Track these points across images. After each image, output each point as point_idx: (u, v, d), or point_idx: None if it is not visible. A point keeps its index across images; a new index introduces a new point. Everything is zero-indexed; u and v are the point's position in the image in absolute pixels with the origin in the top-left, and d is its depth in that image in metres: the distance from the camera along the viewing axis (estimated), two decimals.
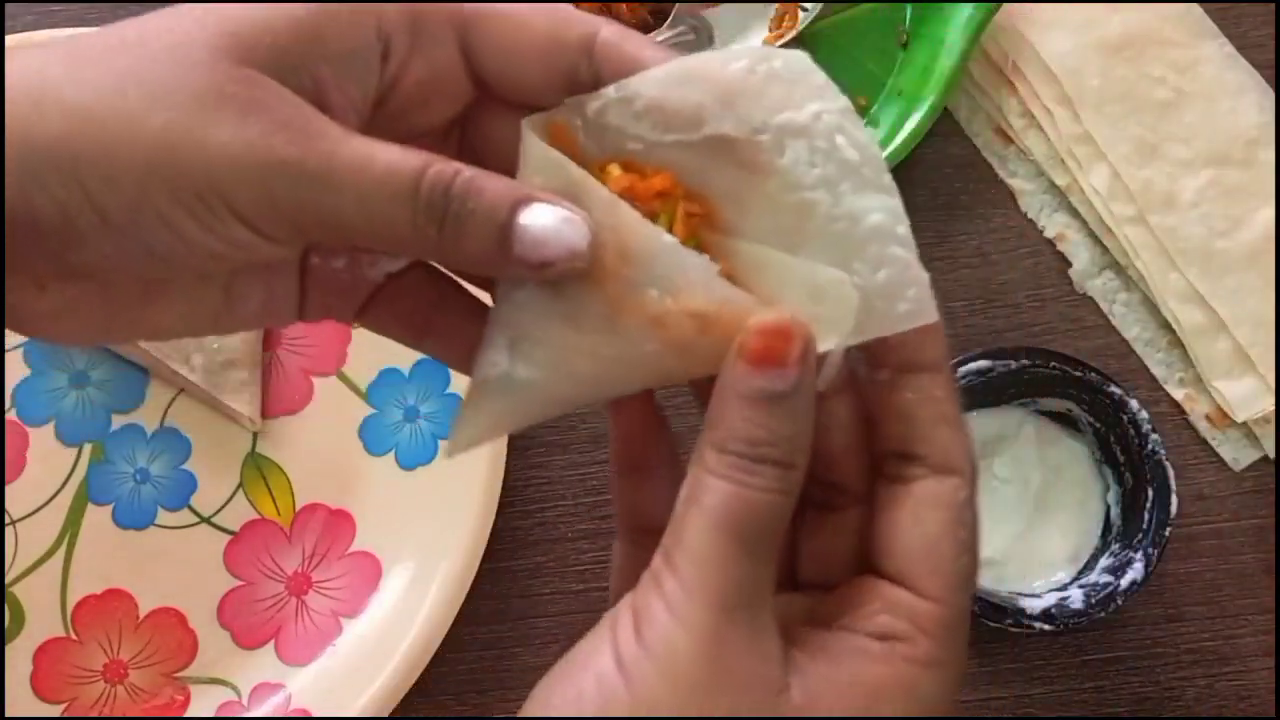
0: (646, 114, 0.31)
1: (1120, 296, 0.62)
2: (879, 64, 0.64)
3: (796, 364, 0.29)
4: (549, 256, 0.29)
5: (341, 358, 0.59)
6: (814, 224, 0.30)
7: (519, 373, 0.31)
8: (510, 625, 0.58)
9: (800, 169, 0.30)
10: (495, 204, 0.29)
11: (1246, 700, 0.58)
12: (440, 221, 0.29)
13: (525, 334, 0.31)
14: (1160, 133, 0.62)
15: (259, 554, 0.57)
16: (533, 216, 0.29)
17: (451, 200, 0.29)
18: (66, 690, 0.55)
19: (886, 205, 0.30)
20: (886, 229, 0.30)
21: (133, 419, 0.58)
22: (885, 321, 0.31)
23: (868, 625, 0.30)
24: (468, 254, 0.30)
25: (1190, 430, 0.61)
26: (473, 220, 0.29)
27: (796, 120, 0.30)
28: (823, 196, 0.30)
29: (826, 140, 0.30)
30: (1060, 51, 0.63)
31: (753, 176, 0.31)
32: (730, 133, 0.30)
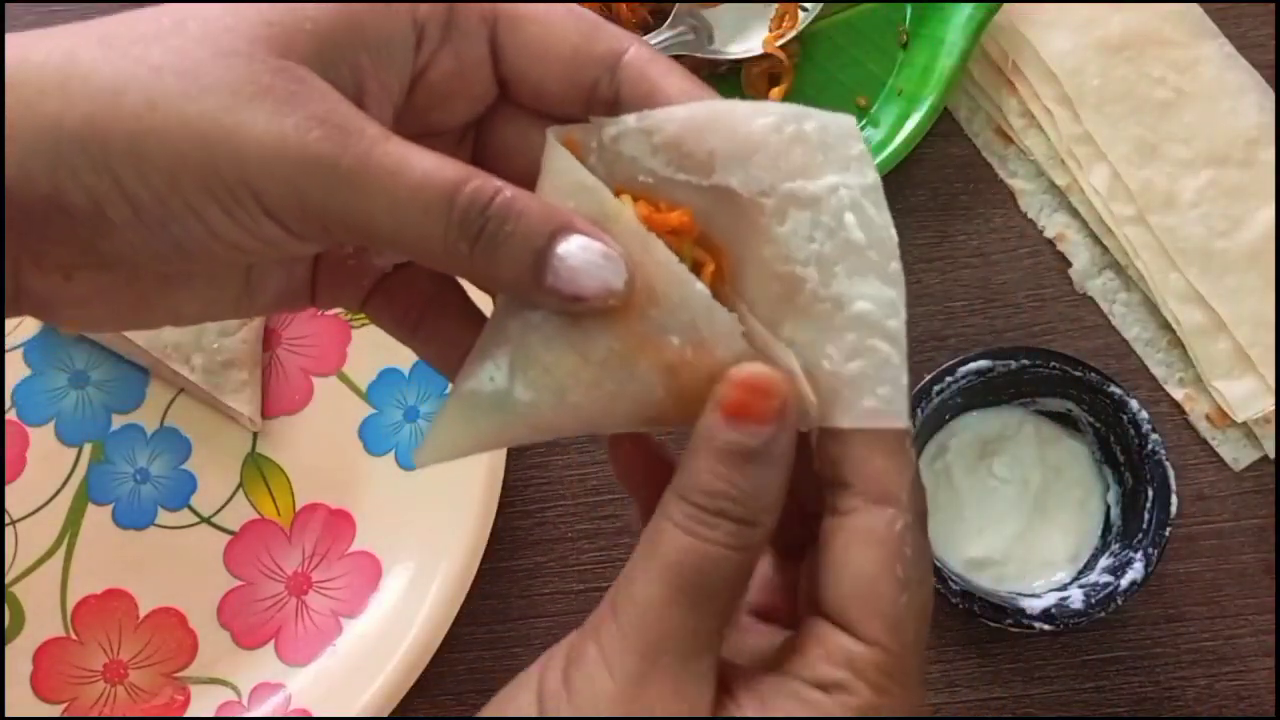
0: (663, 149, 0.30)
1: (1120, 296, 0.62)
2: (879, 64, 0.64)
3: (772, 421, 0.29)
4: (583, 292, 0.28)
5: (341, 358, 0.59)
6: (800, 300, 0.30)
7: (518, 393, 0.30)
8: (510, 625, 0.58)
9: (796, 241, 0.29)
10: (534, 230, 0.28)
11: (1246, 700, 0.58)
12: (474, 240, 0.28)
13: (531, 356, 0.30)
14: (1160, 133, 0.62)
15: (259, 554, 0.57)
16: (571, 248, 0.28)
17: (489, 220, 0.28)
18: (66, 690, 0.55)
19: (881, 295, 0.29)
20: (873, 320, 0.29)
21: (133, 419, 0.58)
22: (848, 413, 0.30)
23: (807, 672, 0.29)
24: (498, 277, 0.29)
25: (1190, 430, 0.61)
26: (509, 244, 0.28)
27: (807, 190, 0.29)
28: (812, 274, 0.29)
29: (834, 217, 0.29)
30: (1060, 51, 0.63)
31: (751, 236, 0.30)
32: (735, 188, 0.29)
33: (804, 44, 0.64)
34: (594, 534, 0.59)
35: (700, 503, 0.29)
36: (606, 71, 0.31)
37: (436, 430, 0.31)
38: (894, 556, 0.29)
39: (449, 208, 0.28)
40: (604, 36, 0.31)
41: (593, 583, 0.58)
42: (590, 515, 0.59)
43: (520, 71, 0.31)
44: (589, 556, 0.58)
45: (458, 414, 0.31)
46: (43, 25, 0.67)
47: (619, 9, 0.62)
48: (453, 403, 0.31)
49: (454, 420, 0.31)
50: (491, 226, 0.28)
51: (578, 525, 0.59)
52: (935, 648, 0.58)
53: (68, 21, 0.68)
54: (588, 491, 0.59)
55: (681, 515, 0.29)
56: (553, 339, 0.29)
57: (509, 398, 0.30)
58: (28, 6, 0.63)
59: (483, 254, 0.28)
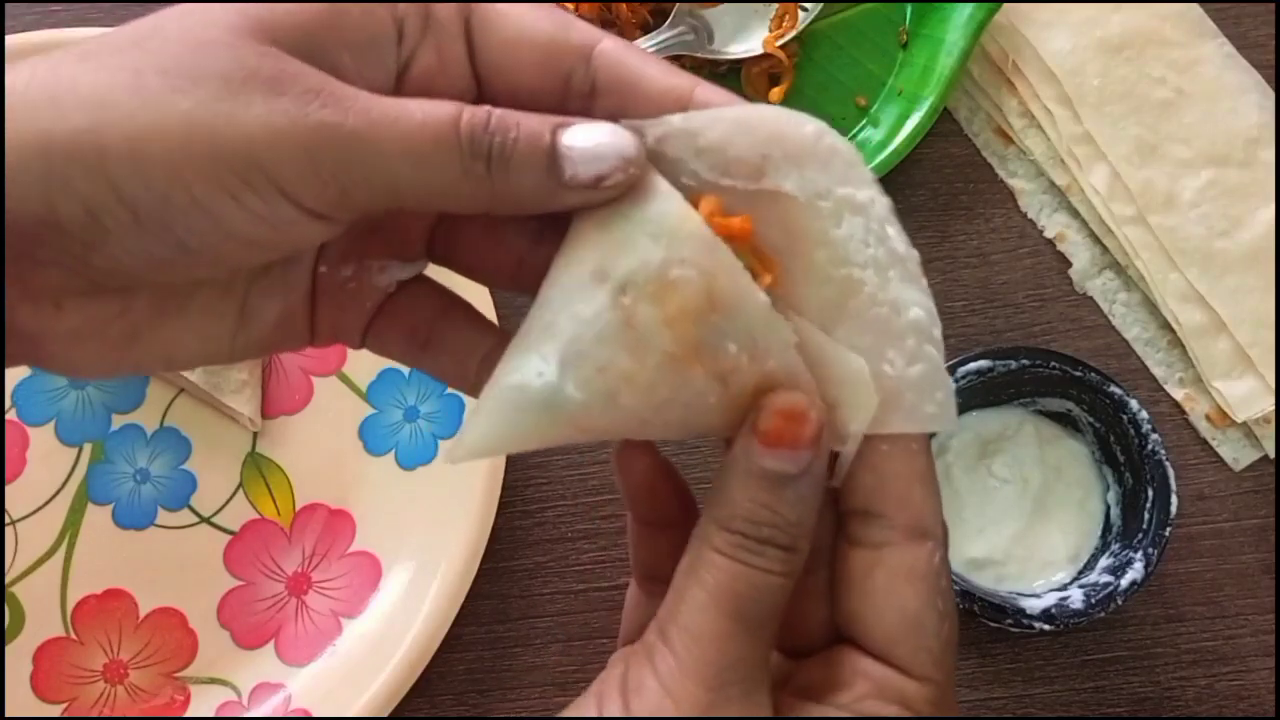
0: (707, 151, 0.30)
1: (1120, 296, 0.62)
2: (879, 64, 0.64)
3: (808, 447, 0.29)
4: (602, 170, 0.29)
5: (341, 358, 0.59)
6: (857, 303, 0.30)
7: (569, 391, 0.29)
8: (510, 625, 0.58)
9: (854, 245, 0.30)
10: (536, 130, 0.29)
11: (1246, 700, 0.58)
12: (487, 159, 0.28)
13: (584, 353, 0.29)
14: (1160, 133, 0.62)
15: (259, 554, 0.57)
16: (575, 136, 0.29)
17: (493, 135, 0.28)
18: (66, 690, 0.55)
19: (927, 305, 0.30)
20: (924, 327, 0.30)
21: (133, 419, 0.58)
22: (911, 419, 0.30)
23: (860, 706, 0.29)
24: (520, 188, 0.29)
25: (1190, 430, 0.61)
26: (518, 152, 0.28)
27: (856, 197, 0.30)
28: (871, 277, 0.30)
29: (880, 225, 0.30)
30: (1060, 51, 0.63)
31: (802, 242, 0.30)
32: (792, 191, 0.30)
33: (804, 44, 0.64)
34: (594, 534, 0.59)
35: (745, 530, 0.29)
36: (581, 62, 0.31)
37: (477, 424, 0.30)
38: (934, 591, 0.30)
39: (457, 138, 0.28)
40: (577, 29, 0.31)
41: (593, 583, 0.58)
42: (590, 515, 0.59)
43: (496, 65, 0.31)
44: (589, 556, 0.58)
45: (500, 409, 0.30)
46: (42, 25, 0.67)
47: (619, 9, 0.62)
48: (494, 396, 0.30)
49: (497, 415, 0.30)
50: (498, 140, 0.28)
51: (578, 525, 0.59)
52: None
53: (68, 21, 0.68)
54: (588, 491, 0.59)
55: (727, 544, 0.29)
56: (606, 338, 0.29)
57: (559, 395, 0.29)
58: (28, 6, 0.63)
59: (499, 170, 0.28)
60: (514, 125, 0.28)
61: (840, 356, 0.30)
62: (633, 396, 0.29)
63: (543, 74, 0.31)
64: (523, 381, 0.29)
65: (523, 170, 0.28)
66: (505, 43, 0.31)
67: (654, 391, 0.29)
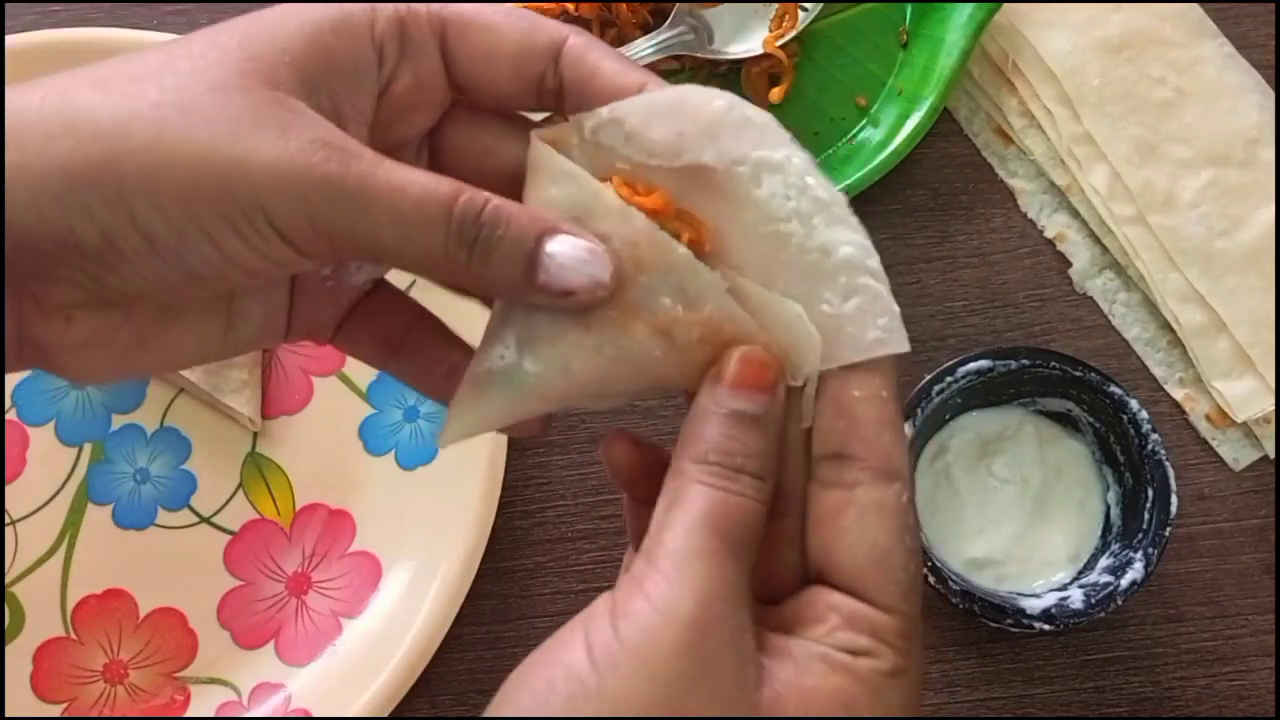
0: (633, 136, 0.32)
1: (1120, 296, 0.62)
2: (879, 64, 0.64)
3: (770, 389, 0.32)
4: (572, 285, 0.31)
5: (341, 358, 0.59)
6: (787, 254, 0.32)
7: (526, 366, 0.32)
8: (510, 625, 0.58)
9: (776, 201, 0.32)
10: (523, 233, 0.30)
11: (1246, 700, 0.58)
12: (470, 247, 0.30)
13: (537, 332, 0.32)
14: (1160, 133, 0.62)
15: (259, 554, 0.57)
16: (558, 246, 0.30)
17: (483, 227, 0.30)
18: (66, 690, 0.55)
19: (856, 240, 0.32)
20: (857, 261, 0.32)
21: (133, 419, 0.58)
22: (856, 347, 0.32)
23: (831, 639, 0.31)
24: (494, 279, 0.31)
25: (1190, 430, 0.61)
26: (501, 247, 0.30)
27: (772, 158, 0.32)
28: (796, 228, 0.32)
29: (798, 178, 0.32)
30: (1060, 51, 0.63)
31: (729, 207, 0.32)
32: (710, 162, 0.32)
33: (804, 44, 0.64)
34: (594, 534, 0.59)
35: (721, 461, 0.31)
36: (549, 63, 0.33)
37: (454, 412, 0.33)
38: (903, 528, 0.31)
39: (447, 219, 0.30)
40: (543, 30, 0.33)
41: (593, 583, 0.58)
42: (590, 515, 0.59)
43: (472, 75, 0.33)
44: (589, 556, 0.58)
45: (472, 394, 0.33)
46: (42, 26, 0.67)
47: (619, 9, 0.62)
48: (467, 385, 0.33)
49: (469, 400, 0.33)
50: (485, 233, 0.30)
51: (578, 525, 0.59)
52: (935, 648, 0.58)
53: (67, 21, 0.68)
54: (588, 491, 0.59)
55: (706, 475, 0.31)
56: (555, 315, 0.32)
57: (518, 370, 0.32)
58: (28, 6, 0.63)
59: (479, 259, 0.30)
60: (504, 221, 0.30)
61: (777, 304, 0.32)
62: (584, 361, 0.32)
63: (516, 78, 0.33)
64: (488, 367, 0.32)
65: (501, 265, 0.30)
66: (479, 52, 0.33)
67: (601, 353, 0.32)
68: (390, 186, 0.29)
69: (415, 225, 0.30)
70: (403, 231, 0.30)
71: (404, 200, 0.29)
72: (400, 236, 0.30)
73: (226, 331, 0.34)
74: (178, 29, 0.61)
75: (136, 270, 0.29)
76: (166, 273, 0.29)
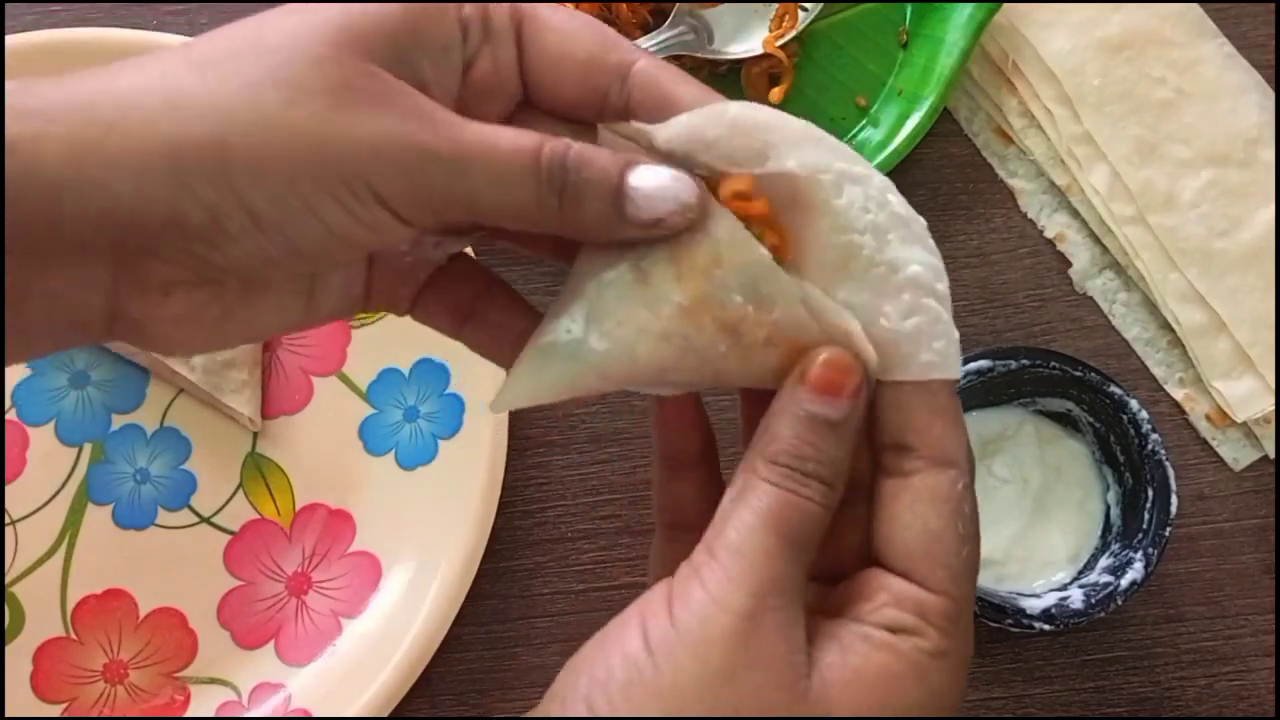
0: (715, 145, 0.32)
1: (1120, 296, 0.62)
2: (879, 64, 0.64)
3: (851, 397, 0.32)
4: (659, 212, 0.31)
5: (341, 358, 0.59)
6: (855, 265, 0.33)
7: (593, 343, 0.32)
8: (510, 625, 0.58)
9: (854, 212, 0.32)
10: (606, 170, 0.31)
11: (1246, 700, 0.58)
12: (561, 192, 0.31)
13: (606, 309, 0.32)
14: (1160, 133, 0.62)
15: (259, 554, 0.57)
16: (641, 178, 0.31)
17: (569, 172, 0.31)
18: (66, 690, 0.55)
19: (928, 261, 0.33)
20: (924, 281, 0.33)
21: (133, 419, 0.58)
22: (907, 368, 0.33)
23: (876, 617, 0.32)
24: (586, 220, 0.31)
25: (1190, 430, 0.61)
26: (589, 188, 0.31)
27: (855, 170, 0.33)
28: (869, 241, 0.32)
29: (880, 194, 0.33)
30: (1060, 51, 0.63)
31: (805, 214, 0.33)
32: (794, 168, 0.32)
33: (804, 44, 0.64)
34: (594, 534, 0.59)
35: (791, 464, 0.32)
36: (618, 80, 0.34)
37: (512, 378, 0.33)
38: (955, 514, 0.32)
39: (537, 169, 0.31)
40: (617, 47, 0.34)
41: (593, 583, 0.58)
42: (590, 515, 0.59)
43: (540, 74, 0.34)
44: (589, 556, 0.58)
45: (534, 363, 0.33)
46: (42, 26, 0.67)
47: (619, 9, 0.62)
48: (529, 353, 0.33)
49: (530, 368, 0.33)
50: (572, 177, 0.31)
51: (578, 525, 0.59)
52: None
53: (67, 21, 0.68)
54: (588, 491, 0.59)
55: (775, 475, 0.32)
56: (626, 294, 0.32)
57: (583, 346, 0.32)
58: (28, 6, 0.63)
59: (571, 202, 0.31)
60: (588, 162, 0.31)
61: (836, 314, 0.33)
62: (649, 346, 0.32)
63: (581, 89, 0.34)
64: (553, 339, 0.33)
65: (591, 204, 0.31)
66: (550, 54, 0.34)
67: (668, 341, 0.32)
68: (481, 146, 0.30)
69: (509, 179, 0.30)
70: (499, 187, 0.30)
71: (496, 156, 0.30)
72: (497, 192, 0.30)
73: (308, 304, 0.35)
74: (178, 29, 0.61)
75: (241, 247, 0.30)
76: (271, 249, 0.30)
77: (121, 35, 0.58)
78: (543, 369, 0.33)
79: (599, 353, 0.32)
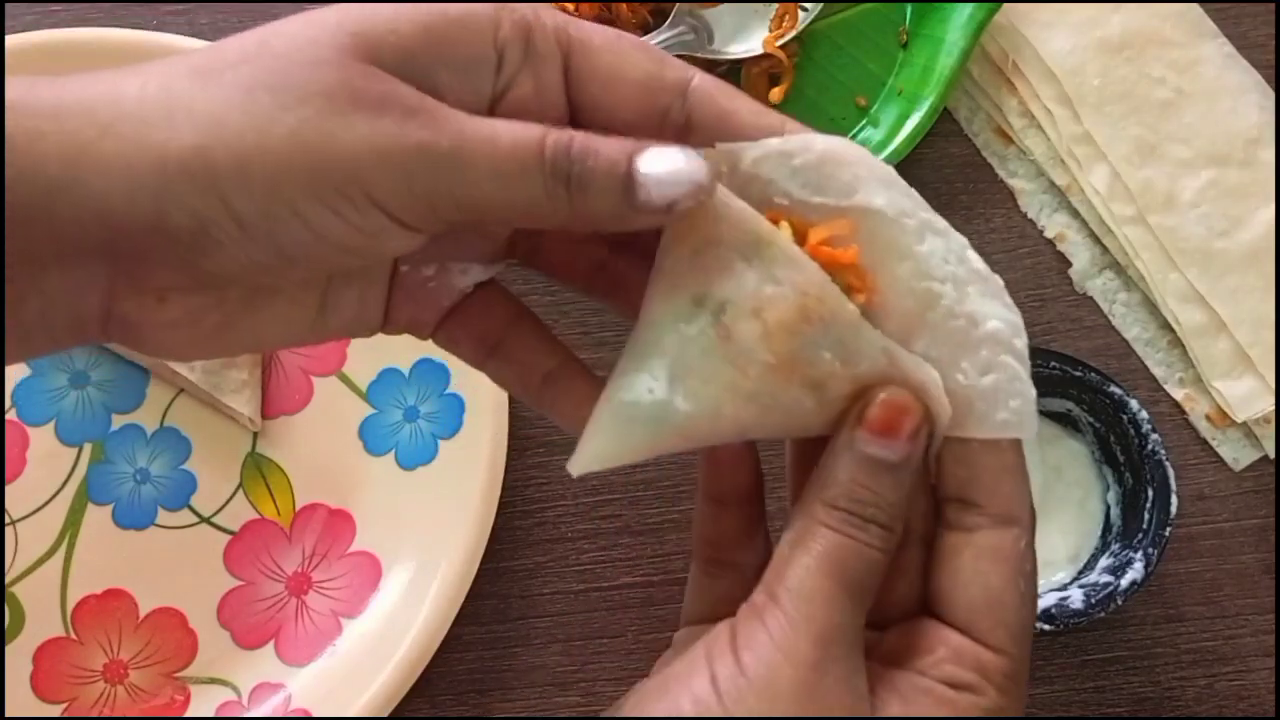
0: (802, 171, 0.32)
1: (1120, 296, 0.62)
2: (879, 64, 0.64)
3: (909, 439, 0.32)
4: (673, 196, 0.30)
5: (341, 358, 0.59)
6: (934, 315, 0.32)
7: (678, 404, 0.32)
8: (510, 625, 0.58)
9: (935, 260, 0.32)
10: (614, 157, 0.30)
11: (1246, 700, 0.58)
12: (567, 183, 0.30)
13: (690, 368, 0.32)
14: (1160, 133, 0.62)
15: (259, 554, 0.57)
16: (650, 163, 0.30)
17: (574, 161, 0.30)
18: (66, 690, 0.55)
19: (1007, 318, 0.32)
20: (1003, 337, 0.32)
21: (133, 419, 0.58)
22: (982, 425, 0.32)
23: (936, 672, 0.32)
24: (597, 211, 0.31)
25: (1190, 430, 0.61)
26: (595, 177, 0.30)
27: (938, 223, 0.32)
28: (949, 291, 0.32)
29: (960, 250, 0.32)
30: (1060, 51, 0.63)
31: (885, 255, 0.32)
32: (881, 206, 0.32)
33: (804, 44, 0.64)
34: (594, 534, 0.59)
35: (851, 508, 0.32)
36: (678, 97, 0.33)
37: (591, 439, 0.32)
38: (1018, 572, 0.32)
39: (541, 161, 0.30)
40: (672, 65, 0.33)
41: (593, 583, 0.58)
42: (590, 515, 0.59)
43: (593, 97, 0.33)
44: (589, 556, 0.58)
45: (614, 424, 0.32)
46: (41, 25, 0.67)
47: (619, 9, 0.62)
48: (607, 412, 0.32)
49: (610, 429, 0.32)
50: (577, 167, 0.30)
51: (578, 525, 0.59)
52: None
53: (67, 21, 0.68)
54: (588, 491, 0.59)
55: (834, 519, 0.32)
56: (710, 351, 0.31)
57: (668, 408, 0.32)
58: (28, 6, 0.63)
59: (578, 193, 0.30)
60: (593, 151, 0.30)
61: (914, 366, 0.32)
62: (735, 406, 0.32)
63: (639, 109, 0.33)
64: (635, 398, 0.32)
65: (600, 194, 0.30)
66: (603, 75, 0.33)
67: (755, 400, 0.32)
68: (482, 140, 0.29)
69: (512, 172, 0.30)
70: (502, 181, 0.30)
71: (498, 150, 0.29)
72: (500, 187, 0.30)
73: (316, 319, 0.34)
74: (178, 29, 0.61)
75: (230, 255, 0.29)
76: (260, 255, 0.30)
77: (121, 35, 0.58)
78: (627, 431, 0.32)
79: (684, 414, 0.32)
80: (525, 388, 0.36)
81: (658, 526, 0.59)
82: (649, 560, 0.58)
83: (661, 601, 0.58)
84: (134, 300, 0.30)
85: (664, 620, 0.57)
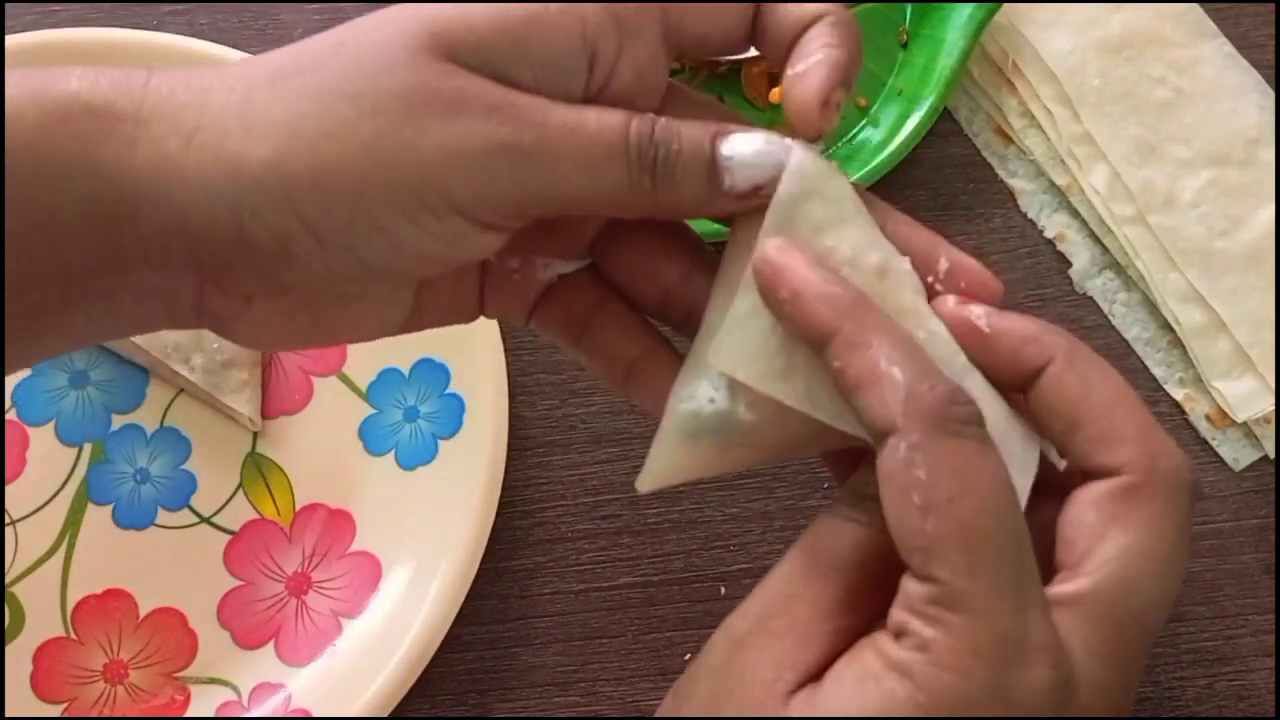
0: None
1: (1120, 296, 0.62)
2: (879, 64, 0.64)
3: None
4: (758, 179, 0.30)
5: (341, 358, 0.59)
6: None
7: (741, 414, 0.31)
8: (510, 625, 0.58)
9: None
10: (698, 141, 0.30)
11: (1246, 700, 0.58)
12: (652, 169, 0.29)
13: None
14: (1160, 133, 0.62)
15: (259, 554, 0.57)
16: (734, 145, 0.30)
17: (658, 147, 0.29)
18: (66, 690, 0.55)
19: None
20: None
21: (133, 419, 0.58)
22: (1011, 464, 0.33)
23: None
24: (682, 197, 0.30)
25: (1190, 430, 0.61)
26: (680, 162, 0.29)
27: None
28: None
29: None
30: (1060, 51, 0.63)
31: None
32: None
33: None
34: (594, 534, 0.59)
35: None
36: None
37: (658, 454, 0.32)
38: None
39: (626, 148, 0.29)
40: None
41: (593, 583, 0.58)
42: (590, 515, 0.59)
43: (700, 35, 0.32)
44: (589, 556, 0.58)
45: (678, 437, 0.31)
46: (42, 26, 0.67)
47: None
48: (671, 425, 0.32)
49: (674, 443, 0.32)
50: (662, 152, 0.29)
51: (578, 525, 0.59)
52: None
53: (67, 21, 0.68)
54: (588, 491, 0.59)
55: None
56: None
57: (731, 419, 0.31)
58: (28, 6, 0.63)
59: (664, 180, 0.29)
60: (676, 135, 0.29)
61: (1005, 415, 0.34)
62: (800, 417, 0.30)
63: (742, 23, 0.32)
64: (696, 409, 0.31)
65: (685, 180, 0.30)
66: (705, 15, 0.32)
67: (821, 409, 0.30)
68: (566, 130, 0.29)
69: (599, 162, 0.29)
70: (588, 172, 0.29)
71: (583, 139, 0.29)
72: (586, 177, 0.29)
73: (411, 313, 0.34)
74: (178, 29, 0.61)
75: (310, 268, 0.29)
76: (341, 268, 0.29)
77: (121, 35, 0.58)
78: (692, 444, 0.31)
79: (749, 423, 0.31)
80: (612, 378, 0.35)
81: (658, 526, 0.59)
82: (649, 560, 0.58)
83: (661, 601, 0.58)
84: (221, 299, 0.30)
85: (664, 620, 0.57)
